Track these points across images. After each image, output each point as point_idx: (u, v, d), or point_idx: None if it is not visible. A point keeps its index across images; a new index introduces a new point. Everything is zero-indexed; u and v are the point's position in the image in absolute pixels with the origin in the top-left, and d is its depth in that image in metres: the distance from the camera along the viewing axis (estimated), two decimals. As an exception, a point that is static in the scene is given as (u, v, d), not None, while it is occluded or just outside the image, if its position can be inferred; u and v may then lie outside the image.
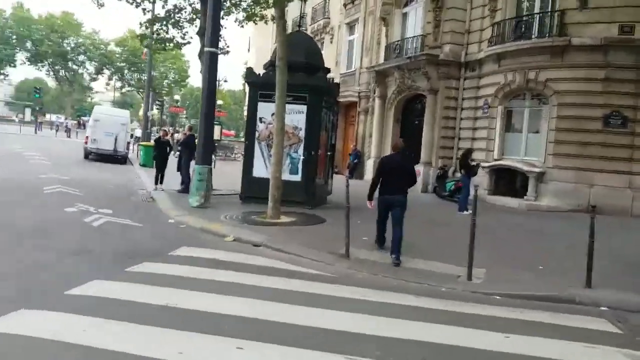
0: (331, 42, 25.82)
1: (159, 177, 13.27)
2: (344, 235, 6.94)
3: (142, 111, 31.76)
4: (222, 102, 38.49)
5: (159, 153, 13.46)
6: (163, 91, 57.91)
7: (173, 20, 14.28)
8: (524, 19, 14.52)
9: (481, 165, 14.13)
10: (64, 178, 13.78)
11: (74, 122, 48.19)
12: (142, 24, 13.38)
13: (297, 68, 11.14)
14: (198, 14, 14.17)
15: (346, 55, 24.84)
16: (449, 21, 16.85)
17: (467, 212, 12.21)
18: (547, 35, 13.68)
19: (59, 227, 7.72)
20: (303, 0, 16.27)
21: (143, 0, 13.47)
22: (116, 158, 21.56)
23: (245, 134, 12.03)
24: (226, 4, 15.44)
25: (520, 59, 14.28)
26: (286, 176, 11.00)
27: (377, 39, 21.34)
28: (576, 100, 13.32)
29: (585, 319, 5.04)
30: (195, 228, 8.59)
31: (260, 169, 11.26)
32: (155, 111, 41.11)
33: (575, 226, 11.33)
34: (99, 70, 60.25)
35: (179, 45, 14.99)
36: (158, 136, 15.18)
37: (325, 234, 8.46)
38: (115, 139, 21.54)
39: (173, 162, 14.29)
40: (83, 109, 72.51)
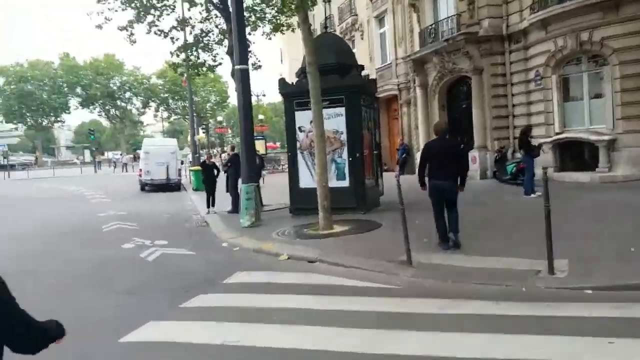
0: (362, 39, 25.22)
1: (210, 200, 13.26)
2: (403, 240, 6.40)
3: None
4: (263, 117, 38.69)
5: (207, 176, 13.45)
6: (207, 114, 59.36)
7: (202, 45, 14.29)
8: (567, -23, 13.37)
9: (543, 147, 13.06)
10: (121, 214, 14.07)
11: (130, 157, 50.13)
12: (173, 53, 13.45)
13: (330, 70, 10.72)
14: (225, 34, 14.12)
15: (379, 49, 24.17)
16: (484, -6, 15.88)
17: (535, 195, 11.31)
18: (597, -10, 12.50)
19: (115, 266, 7.68)
20: (327, 2, 15.91)
21: (170, 30, 13.51)
22: (170, 186, 22.07)
23: (287, 145, 11.72)
24: (251, 19, 15.34)
25: (569, 21, 13.14)
26: (333, 183, 10.60)
27: (409, 27, 20.55)
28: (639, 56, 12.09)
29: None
30: (248, 249, 8.32)
31: (306, 179, 10.90)
32: (201, 134, 42.10)
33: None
34: (145, 104, 62.71)
35: (211, 68, 14.99)
36: (203, 160, 15.21)
37: (383, 240, 7.94)
38: (167, 168, 22.07)
39: (223, 184, 14.27)
40: (137, 142, 75.58)
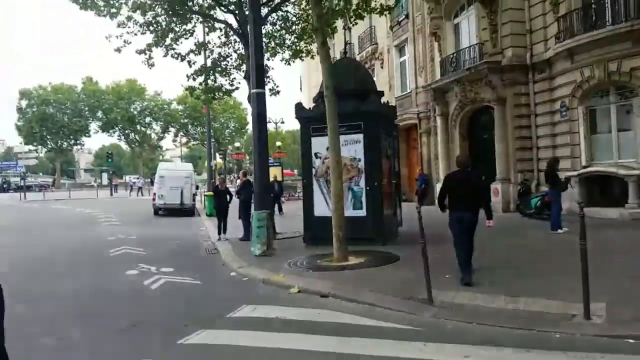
0: (382, 67, 25.13)
1: (222, 227, 12.90)
2: (423, 276, 5.90)
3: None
4: (281, 143, 38.66)
5: (219, 202, 13.11)
6: (225, 140, 59.74)
7: (220, 69, 14.22)
8: (594, 7, 13.02)
9: (571, 181, 12.49)
10: (130, 238, 13.77)
11: (146, 181, 50.44)
12: (190, 76, 13.38)
13: (348, 95, 10.42)
14: (244, 59, 14.04)
15: (399, 77, 24.00)
16: (507, 24, 15.61)
17: (562, 231, 10.72)
18: (625, 20, 12.10)
19: (116, 294, 7.28)
20: (347, 29, 15.80)
21: (188, 54, 13.47)
22: (184, 211, 21.86)
23: (302, 172, 11.36)
24: (270, 45, 15.30)
25: (597, 50, 12.75)
26: (350, 212, 10.16)
27: (430, 56, 20.36)
28: (671, 87, 11.59)
29: None
30: (257, 280, 7.87)
31: (321, 208, 10.47)
32: (219, 160, 42.20)
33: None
34: (164, 129, 63.44)
35: (228, 92, 14.89)
36: (215, 185, 14.93)
37: (401, 275, 7.41)
38: (181, 193, 21.93)
39: (237, 210, 13.95)
40: (155, 166, 76.15)
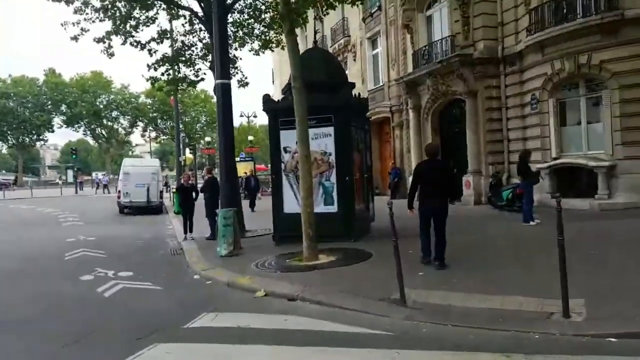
0: (354, 60, 24.81)
1: (188, 226, 12.34)
2: (396, 273, 5.58)
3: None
4: (253, 138, 37.98)
5: (184, 200, 12.51)
6: (197, 135, 58.47)
7: (184, 59, 13.61)
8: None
9: (541, 174, 12.48)
10: (90, 239, 13.06)
11: (113, 177, 48.93)
12: (151, 66, 12.69)
13: (318, 87, 10.03)
14: (210, 49, 13.46)
15: (372, 70, 23.75)
16: (479, 16, 15.47)
17: (534, 223, 10.66)
18: (595, 13, 12.06)
19: (63, 304, 6.65)
20: (319, 20, 15.40)
21: (149, 42, 12.80)
22: (151, 209, 21.13)
23: (271, 166, 10.92)
24: (238, 34, 14.76)
25: (567, 43, 12.70)
26: (321, 208, 9.81)
27: (403, 49, 20.13)
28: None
29: None
30: (222, 283, 7.42)
31: (291, 204, 10.06)
32: (189, 155, 41.21)
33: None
34: (132, 124, 61.61)
35: (192, 83, 14.30)
36: (180, 182, 14.31)
37: (373, 273, 7.10)
38: (148, 190, 21.18)
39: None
40: (124, 163, 74.13)
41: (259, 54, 15.46)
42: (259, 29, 15.02)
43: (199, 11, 13.00)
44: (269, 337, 4.78)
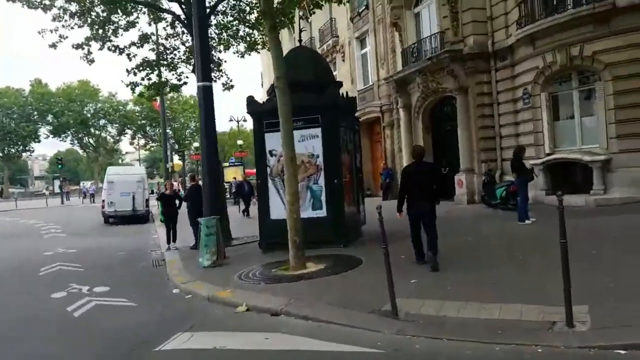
0: (343, 61, 24.43)
1: (171, 235, 11.83)
2: (387, 282, 5.15)
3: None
4: (243, 142, 37.47)
5: (167, 208, 12.01)
6: (186, 141, 57.79)
7: (166, 63, 13.14)
8: (555, -11, 12.63)
9: (535, 171, 12.12)
10: (70, 252, 12.56)
11: (99, 187, 48.11)
12: (130, 71, 12.20)
13: (304, 87, 9.61)
14: (193, 52, 13.01)
15: (361, 70, 23.36)
16: (468, 11, 15.11)
17: (529, 221, 10.28)
18: (586, 3, 11.72)
19: (28, 326, 6.11)
20: (305, 19, 15.00)
21: (130, 46, 12.31)
22: (137, 217, 20.57)
23: (256, 171, 10.46)
24: (223, 36, 14.36)
25: (558, 35, 12.35)
26: (309, 213, 9.42)
27: (391, 47, 19.76)
28: (634, 70, 11.30)
29: None
30: (202, 298, 6.94)
31: (278, 210, 9.57)
32: (177, 162, 40.66)
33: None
34: (121, 132, 60.81)
35: (175, 87, 13.84)
36: (161, 191, 13.78)
37: (363, 282, 6.65)
38: (133, 198, 20.60)
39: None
40: (114, 172, 73.10)
41: (244, 56, 15.06)
42: (243, 30, 14.62)
43: (181, 14, 12.57)
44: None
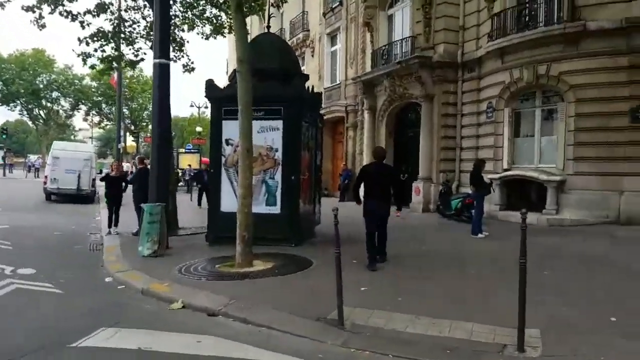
0: (312, 56, 24.02)
1: (113, 219, 11.11)
2: (336, 287, 4.80)
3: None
4: (202, 129, 36.36)
5: (111, 190, 11.27)
6: (143, 123, 55.73)
7: (123, 36, 12.30)
8: (528, 6, 12.66)
9: (493, 184, 12.13)
10: (1, 227, 11.60)
11: (45, 161, 45.70)
12: (82, 40, 11.31)
13: (268, 75, 9.18)
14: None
15: (329, 68, 23.03)
16: (441, 18, 15.04)
17: (482, 235, 10.23)
18: (557, 22, 11.81)
19: None
20: (276, 7, 14.47)
21: (85, 14, 11.41)
22: (81, 197, 19.46)
23: (210, 159, 9.90)
24: (188, 15, 13.63)
25: (528, 52, 12.41)
26: (262, 208, 8.98)
27: (362, 47, 19.53)
28: (597, 94, 11.44)
29: None
30: (136, 290, 6.39)
31: (230, 202, 9.01)
32: (131, 143, 39.09)
33: (621, 244, 9.37)
34: (74, 106, 57.97)
35: (131, 64, 13.02)
36: (107, 172, 12.95)
37: (312, 285, 6.29)
38: (79, 177, 19.48)
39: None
40: (64, 146, 69.63)
41: (209, 39, 14.34)
42: (210, 11, 13.92)
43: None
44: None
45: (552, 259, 7.88)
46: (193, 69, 13.92)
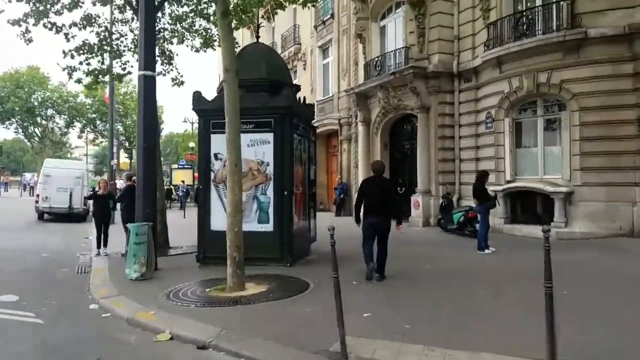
0: (304, 69, 23.75)
1: (102, 239, 10.62)
2: (336, 311, 4.31)
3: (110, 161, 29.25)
4: (195, 145, 35.93)
5: (98, 209, 10.80)
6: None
7: (110, 49, 11.91)
8: (525, 14, 12.39)
9: (497, 197, 11.75)
10: (-13, 250, 11.14)
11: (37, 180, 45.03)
12: (67, 53, 10.90)
13: (258, 87, 8.83)
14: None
15: (322, 80, 22.75)
16: (435, 28, 14.78)
17: (489, 251, 9.76)
18: (557, 30, 11.53)
19: None
20: (266, 19, 14.19)
21: (70, 27, 11.02)
22: (74, 216, 18.96)
23: (199, 175, 9.46)
24: (177, 28, 13.30)
25: (526, 60, 12.12)
26: (254, 226, 8.55)
27: (355, 59, 19.26)
28: (602, 102, 11.13)
29: None
30: (121, 318, 5.88)
31: (220, 220, 8.47)
32: (125, 160, 38.58)
33: (638, 258, 8.93)
34: (69, 124, 57.49)
35: (119, 77, 12.62)
36: (93, 189, 12.48)
37: (309, 312, 5.79)
38: (70, 195, 18.97)
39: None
40: (58, 165, 68.91)
41: (199, 51, 13.98)
42: (199, 24, 13.60)
43: (132, -1, 11.45)
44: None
45: (570, 277, 7.42)
46: (182, 82, 13.55)
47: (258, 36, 9.81)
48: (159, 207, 10.43)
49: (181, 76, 13.35)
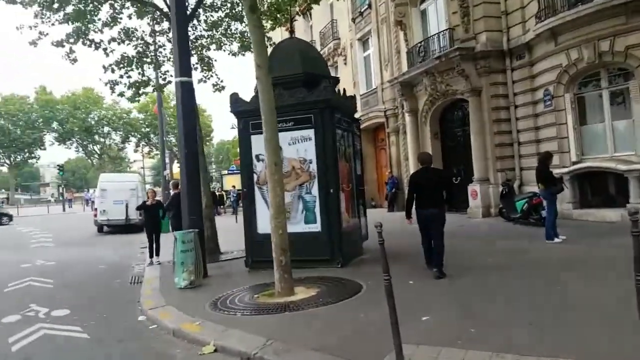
0: (345, 64, 23.25)
1: (154, 249, 10.68)
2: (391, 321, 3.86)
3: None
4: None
5: (148, 219, 10.88)
6: (189, 149, 56.72)
7: (149, 60, 12.01)
8: (580, -22, 11.33)
9: (564, 181, 10.82)
10: (48, 264, 11.69)
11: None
12: (107, 68, 11.06)
13: (294, 82, 8.48)
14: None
15: (364, 73, 22.15)
16: (480, 5, 13.92)
17: (559, 240, 8.92)
18: (617, -9, 10.44)
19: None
20: (302, 14, 13.89)
21: (110, 42, 11.19)
22: (130, 227, 19.50)
23: (241, 178, 9.23)
24: (215, 35, 13.28)
25: (584, 29, 11.09)
26: (301, 227, 8.24)
27: (396, 48, 18.55)
28: (675, 66, 9.95)
29: None
30: (167, 330, 5.71)
31: (266, 222, 8.05)
32: (179, 170, 39.54)
33: None
34: (124, 139, 60.14)
35: (160, 87, 12.72)
36: (143, 201, 12.57)
37: (362, 318, 5.33)
38: (126, 207, 19.55)
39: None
40: (121, 179, 72.22)
41: (237, 56, 13.90)
42: (235, 27, 13.52)
43: (164, 7, 11.48)
44: None
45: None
46: (223, 87, 13.53)
47: (292, 31, 9.48)
48: (206, 214, 10.34)
49: (221, 81, 13.33)
